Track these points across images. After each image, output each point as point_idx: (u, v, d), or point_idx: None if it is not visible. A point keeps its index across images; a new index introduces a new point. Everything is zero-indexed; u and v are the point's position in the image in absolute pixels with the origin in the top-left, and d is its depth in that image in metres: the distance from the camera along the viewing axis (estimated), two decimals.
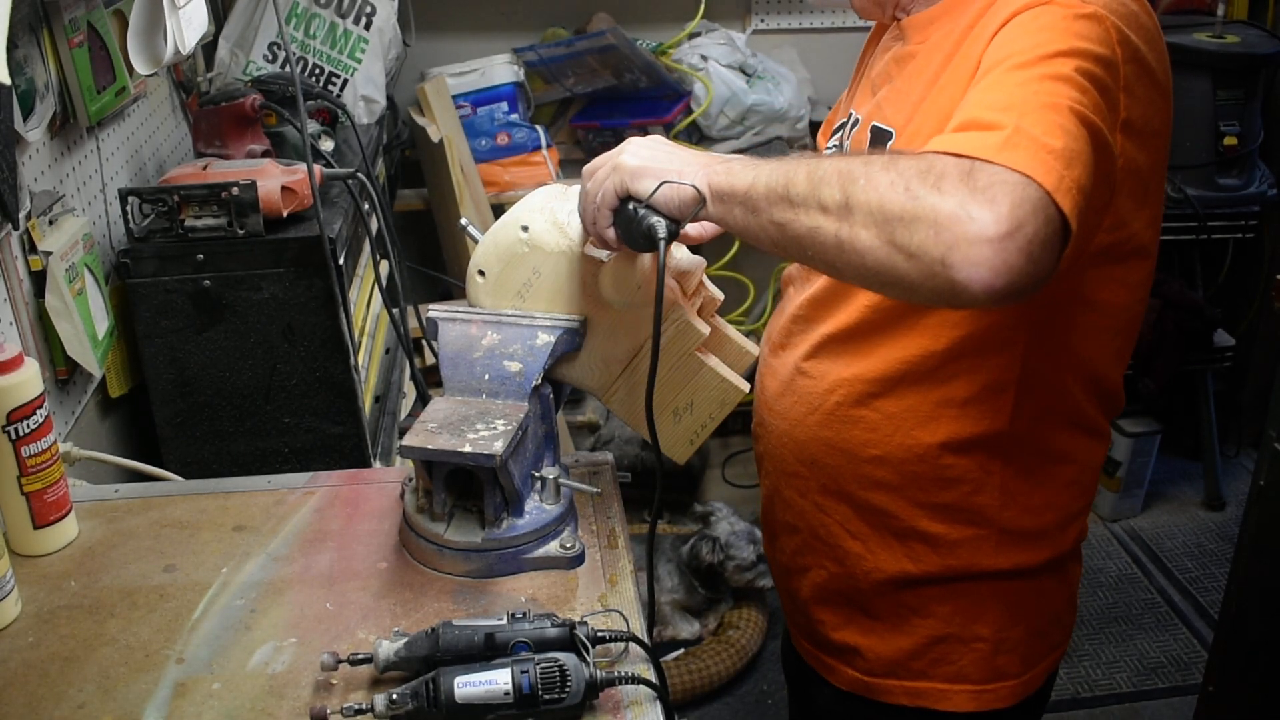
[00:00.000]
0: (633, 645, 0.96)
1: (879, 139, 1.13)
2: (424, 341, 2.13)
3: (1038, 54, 0.92)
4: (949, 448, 1.14)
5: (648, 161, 1.00)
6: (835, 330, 1.17)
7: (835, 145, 1.27)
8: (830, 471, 1.20)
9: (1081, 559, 1.28)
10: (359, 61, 2.14)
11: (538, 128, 2.82)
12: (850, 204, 0.86)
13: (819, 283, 1.20)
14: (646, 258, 1.07)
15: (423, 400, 1.70)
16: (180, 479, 1.36)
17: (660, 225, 0.98)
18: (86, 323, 1.38)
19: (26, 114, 1.32)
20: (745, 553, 2.57)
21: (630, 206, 1.00)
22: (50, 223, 1.37)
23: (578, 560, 1.09)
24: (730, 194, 0.95)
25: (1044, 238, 0.81)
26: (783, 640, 1.53)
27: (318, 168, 1.52)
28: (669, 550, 2.69)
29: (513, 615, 0.92)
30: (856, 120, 1.21)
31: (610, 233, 1.03)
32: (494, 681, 0.87)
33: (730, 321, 1.25)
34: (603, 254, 1.10)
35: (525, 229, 1.11)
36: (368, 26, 2.14)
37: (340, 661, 0.92)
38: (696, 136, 2.92)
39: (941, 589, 1.19)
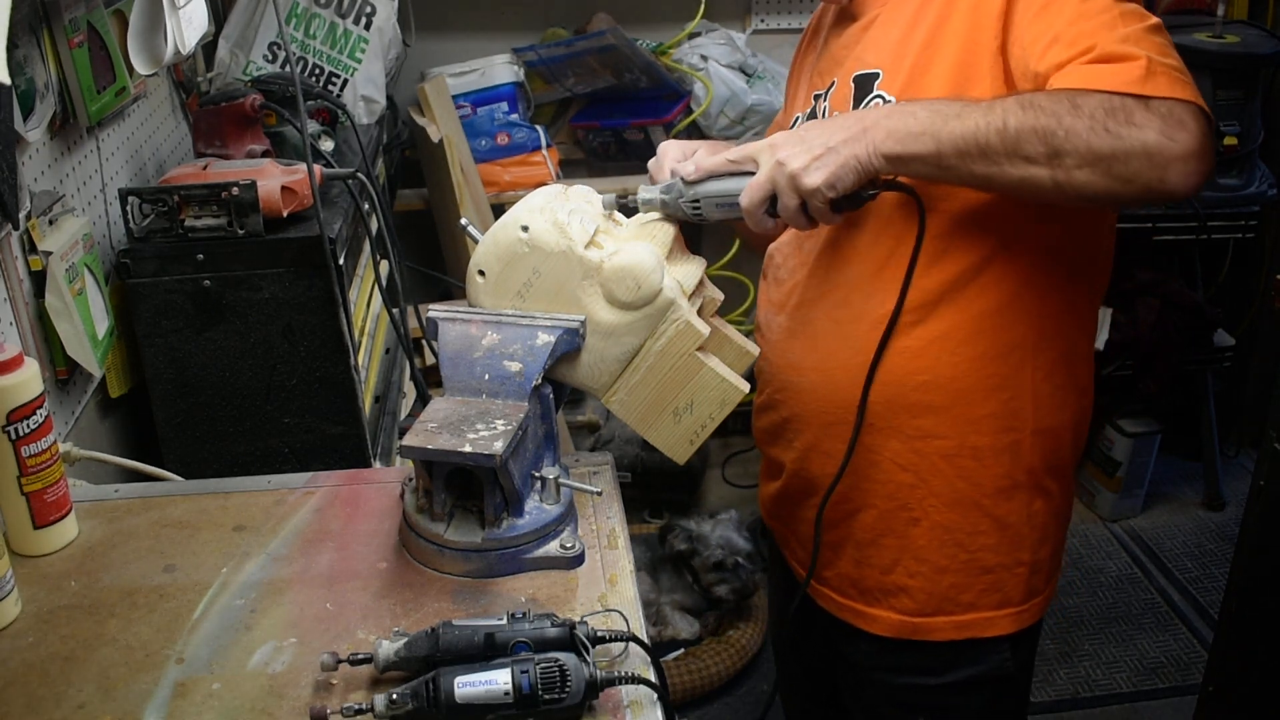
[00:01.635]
0: (633, 645, 0.96)
1: (864, 83, 1.21)
2: (424, 341, 2.13)
3: None
4: (989, 357, 1.22)
5: (817, 157, 1.09)
6: (863, 270, 1.24)
7: (801, 117, 1.35)
8: (877, 408, 1.26)
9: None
10: (359, 61, 2.14)
11: (538, 128, 2.82)
12: (1059, 152, 1.01)
13: (826, 235, 1.27)
14: (646, 258, 1.09)
15: (423, 400, 1.70)
16: (180, 479, 1.36)
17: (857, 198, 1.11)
18: (86, 323, 1.38)
19: (26, 114, 1.32)
20: (714, 554, 2.56)
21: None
22: (50, 223, 1.37)
23: (578, 560, 1.09)
24: (910, 157, 1.07)
25: (1212, 141, 1.01)
26: (778, 611, 1.61)
27: (318, 168, 1.52)
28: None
29: (513, 615, 0.92)
30: (830, 87, 1.28)
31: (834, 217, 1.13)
32: (494, 681, 0.87)
33: (730, 321, 1.26)
34: (603, 254, 1.10)
35: (525, 229, 1.11)
36: (368, 26, 2.14)
37: (340, 661, 0.92)
38: (696, 137, 2.92)
39: (988, 519, 1.28)
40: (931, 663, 1.34)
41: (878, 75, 1.21)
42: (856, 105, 1.22)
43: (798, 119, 1.36)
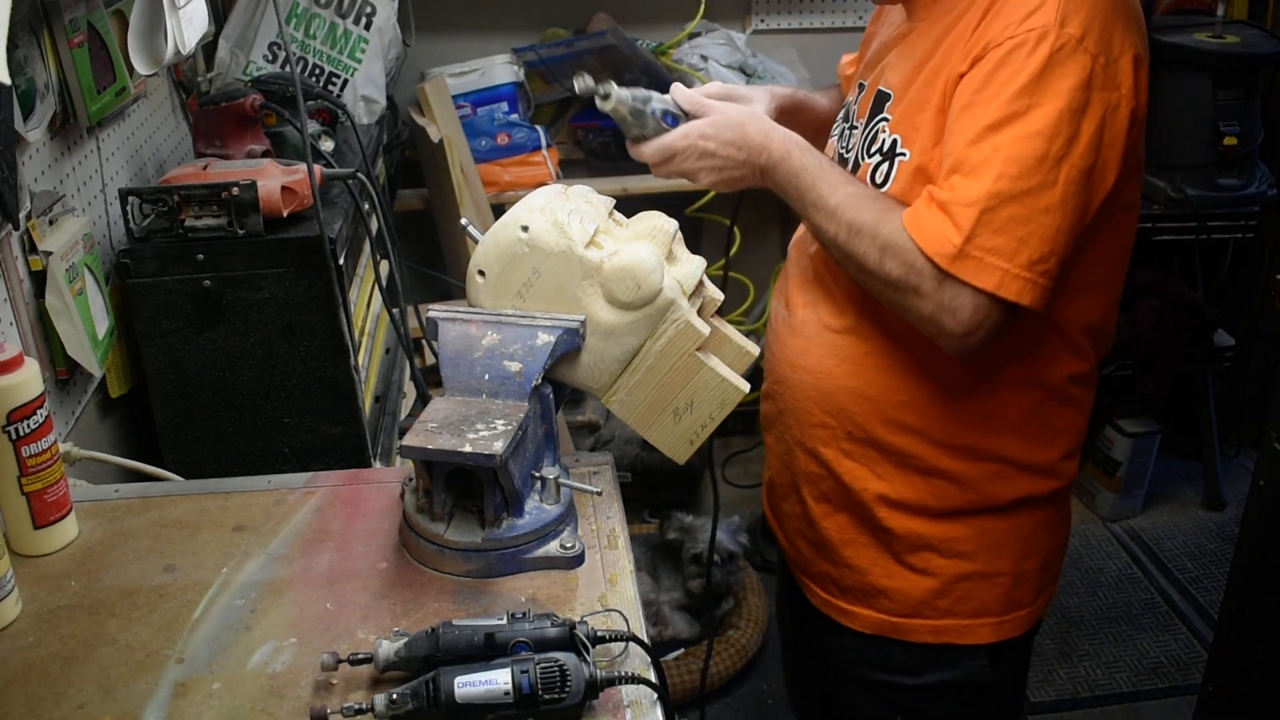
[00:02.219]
0: (633, 645, 0.96)
1: (880, 101, 1.26)
2: (424, 341, 2.13)
3: (1013, 111, 1.08)
4: (969, 389, 1.24)
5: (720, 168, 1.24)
6: (857, 288, 1.25)
7: (840, 115, 1.38)
8: (857, 419, 1.29)
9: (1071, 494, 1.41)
10: (359, 61, 2.14)
11: (538, 128, 2.82)
12: (866, 279, 1.18)
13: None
14: (646, 258, 1.09)
15: (423, 400, 1.70)
16: (180, 479, 1.36)
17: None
18: (86, 323, 1.38)
19: (26, 114, 1.32)
20: (696, 547, 2.57)
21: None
22: (50, 223, 1.37)
23: (578, 560, 1.09)
24: (783, 192, 1.23)
25: (999, 323, 1.12)
26: (781, 599, 1.64)
27: (318, 168, 1.52)
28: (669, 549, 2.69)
29: (513, 615, 0.92)
30: (862, 88, 1.32)
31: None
32: (494, 681, 0.87)
33: (730, 321, 1.26)
34: (603, 254, 1.10)
35: (525, 229, 1.11)
36: (368, 26, 2.14)
37: (340, 661, 0.92)
38: None
39: (965, 528, 1.29)
40: (909, 662, 1.35)
41: (890, 97, 1.24)
42: (870, 120, 1.26)
43: (848, 106, 1.38)
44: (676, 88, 1.27)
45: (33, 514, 1.10)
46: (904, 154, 1.20)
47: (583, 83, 1.18)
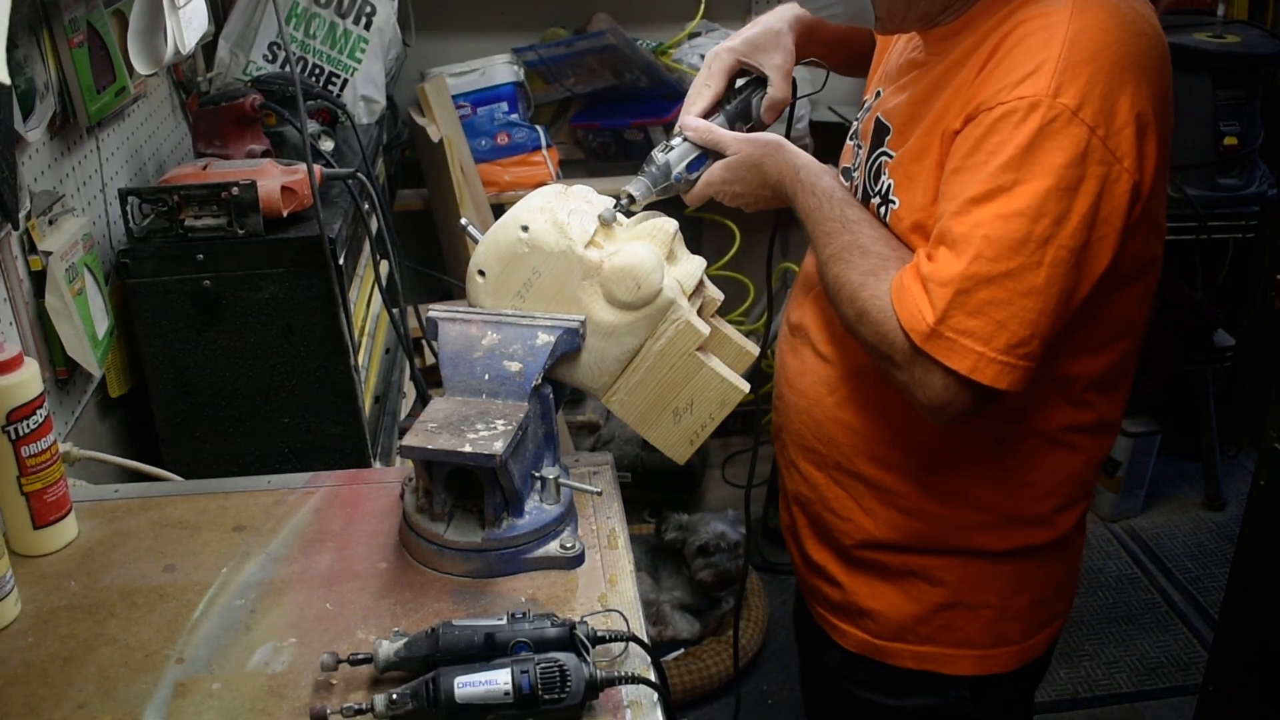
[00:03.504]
0: (633, 645, 0.96)
1: (880, 131, 1.20)
2: (424, 341, 2.13)
3: (997, 186, 1.01)
4: (955, 436, 1.19)
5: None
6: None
7: (856, 120, 1.32)
8: (845, 450, 1.26)
9: (1085, 532, 1.33)
10: (359, 61, 2.14)
11: (538, 128, 2.82)
12: (851, 330, 1.16)
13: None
14: (646, 258, 1.09)
15: (423, 400, 1.70)
16: (180, 479, 1.36)
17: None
18: (86, 323, 1.38)
19: (26, 114, 1.32)
20: (700, 538, 2.57)
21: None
22: (50, 223, 1.37)
23: (578, 560, 1.09)
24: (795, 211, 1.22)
25: (972, 404, 1.06)
26: (795, 603, 1.60)
27: (318, 168, 1.52)
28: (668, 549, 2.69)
29: (513, 615, 0.92)
30: (867, 105, 1.27)
31: None
32: (494, 681, 0.87)
33: (730, 321, 1.26)
34: (603, 254, 1.10)
35: (525, 229, 1.11)
36: (368, 26, 2.14)
37: (340, 661, 0.92)
38: None
39: (947, 560, 1.25)
40: (893, 684, 1.32)
41: (889, 131, 1.18)
42: (873, 150, 1.21)
43: (867, 103, 1.32)
44: (687, 126, 1.24)
45: (32, 514, 1.10)
46: (894, 202, 1.15)
47: (608, 213, 1.16)
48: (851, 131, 1.32)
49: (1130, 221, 1.04)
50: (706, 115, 1.29)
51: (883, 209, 1.17)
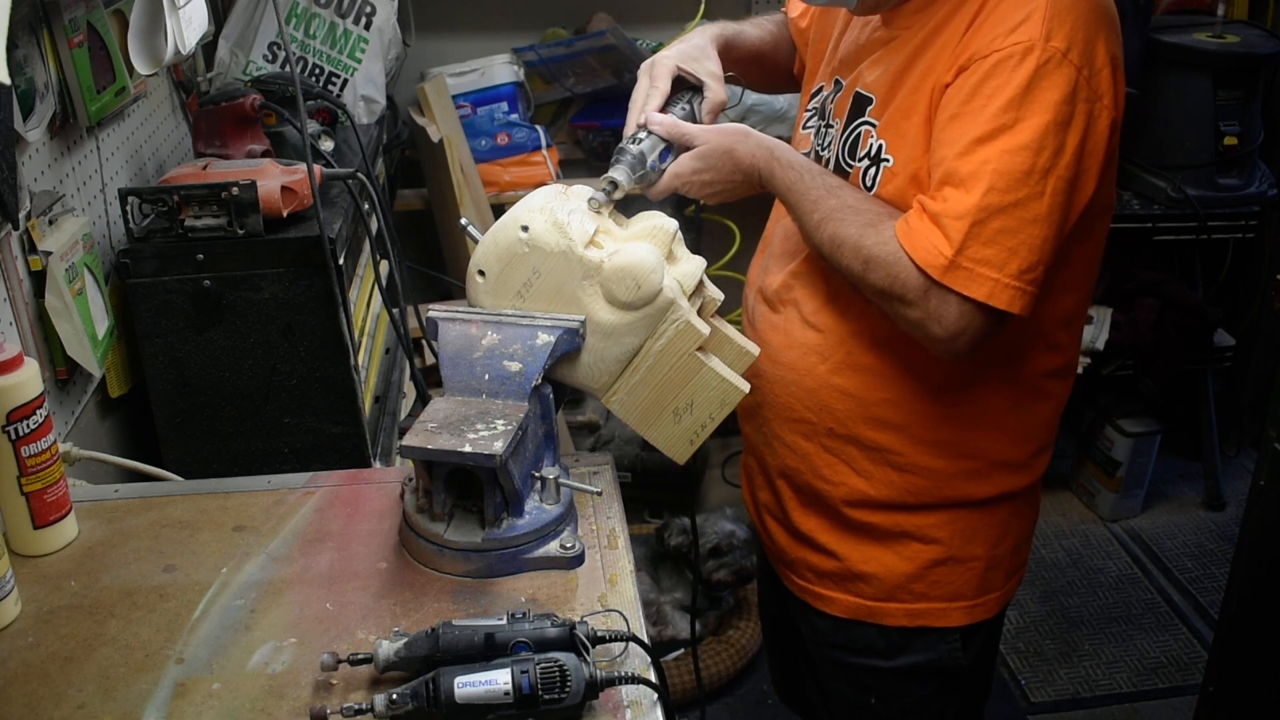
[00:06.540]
0: (633, 645, 0.96)
1: (860, 104, 1.27)
2: (424, 341, 2.13)
3: (1000, 124, 1.10)
4: (950, 387, 1.27)
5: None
6: (841, 285, 1.27)
7: (816, 108, 1.40)
8: (839, 416, 1.31)
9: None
10: (359, 61, 2.14)
11: (538, 128, 2.82)
12: (849, 280, 1.21)
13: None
14: (646, 258, 1.09)
15: (423, 400, 1.70)
16: (180, 479, 1.36)
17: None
18: (86, 323, 1.38)
19: (26, 114, 1.32)
20: (710, 539, 2.57)
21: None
22: (50, 223, 1.37)
23: (578, 560, 1.09)
24: (773, 189, 1.28)
25: (985, 329, 1.14)
26: (761, 590, 1.68)
27: (318, 168, 1.52)
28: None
29: (513, 615, 0.92)
30: (839, 85, 1.33)
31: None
32: (494, 681, 0.87)
33: (730, 321, 1.26)
34: (603, 254, 1.10)
35: (525, 229, 1.11)
36: (368, 26, 2.14)
37: (340, 661, 0.92)
38: None
39: (939, 516, 1.32)
40: (884, 646, 1.38)
41: (871, 101, 1.25)
42: (850, 123, 1.28)
43: (816, 92, 1.40)
44: (651, 122, 1.29)
45: (32, 514, 1.10)
46: (888, 160, 1.22)
47: (595, 201, 1.17)
48: (805, 121, 1.41)
49: (1109, 155, 1.15)
50: None
51: (873, 170, 1.23)
